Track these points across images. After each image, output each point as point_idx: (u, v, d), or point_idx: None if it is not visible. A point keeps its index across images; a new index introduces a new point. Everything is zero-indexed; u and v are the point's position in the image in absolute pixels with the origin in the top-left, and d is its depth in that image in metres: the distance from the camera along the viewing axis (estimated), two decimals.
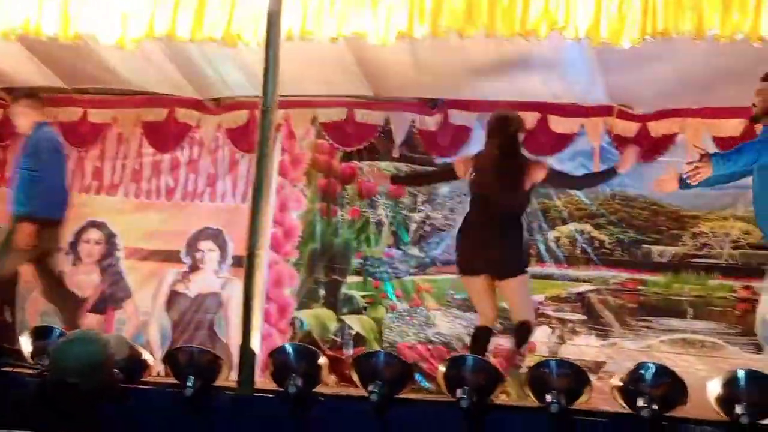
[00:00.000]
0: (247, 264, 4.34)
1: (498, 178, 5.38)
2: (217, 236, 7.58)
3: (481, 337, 5.48)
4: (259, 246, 4.34)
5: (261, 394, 4.25)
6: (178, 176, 7.69)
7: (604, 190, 6.98)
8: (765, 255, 6.65)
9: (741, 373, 3.90)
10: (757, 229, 6.62)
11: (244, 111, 7.39)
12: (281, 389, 4.12)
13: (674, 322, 6.69)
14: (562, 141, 6.92)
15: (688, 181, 4.87)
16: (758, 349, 6.46)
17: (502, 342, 6.93)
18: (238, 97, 7.33)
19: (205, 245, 7.59)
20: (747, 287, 6.67)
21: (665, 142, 6.71)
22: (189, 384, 4.13)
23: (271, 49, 4.45)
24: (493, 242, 5.32)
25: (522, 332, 5.47)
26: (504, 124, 5.51)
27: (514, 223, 5.45)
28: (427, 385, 6.79)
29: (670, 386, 3.87)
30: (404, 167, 7.31)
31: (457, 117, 7.12)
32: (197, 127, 7.61)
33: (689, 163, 4.89)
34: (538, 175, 5.47)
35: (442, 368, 4.19)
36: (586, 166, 6.94)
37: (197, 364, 4.23)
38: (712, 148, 6.07)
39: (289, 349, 4.39)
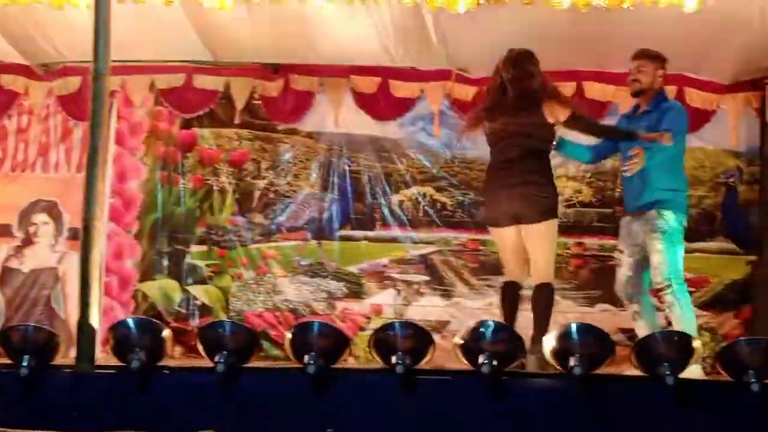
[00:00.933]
0: (83, 236, 4.18)
1: (516, 115, 4.91)
2: (51, 208, 7.29)
3: (508, 293, 5.02)
4: (96, 217, 4.18)
5: (102, 371, 4.12)
6: (7, 146, 7.32)
7: (445, 153, 7.14)
8: (595, 213, 7.03)
9: (573, 327, 4.06)
10: (588, 188, 6.99)
11: (76, 77, 7.09)
12: (123, 364, 4.01)
13: None
14: (403, 105, 7.03)
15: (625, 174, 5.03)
16: (591, 302, 6.84)
17: (349, 306, 7.04)
18: (69, 63, 7.02)
19: (39, 218, 7.29)
20: (579, 244, 7.01)
21: None
22: (24, 363, 3.95)
23: (101, 11, 4.27)
24: (518, 184, 4.86)
25: (547, 297, 4.92)
26: (518, 58, 4.99)
27: (540, 160, 4.96)
28: (275, 352, 6.78)
29: (508, 342, 3.99)
30: (246, 133, 7.23)
31: (299, 82, 7.09)
32: (26, 94, 7.27)
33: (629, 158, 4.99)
34: (560, 113, 4.95)
35: (288, 335, 4.18)
36: (426, 130, 7.08)
37: (32, 343, 4.04)
38: None
39: (131, 322, 4.24)
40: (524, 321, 4.94)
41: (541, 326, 4.79)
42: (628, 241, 5.24)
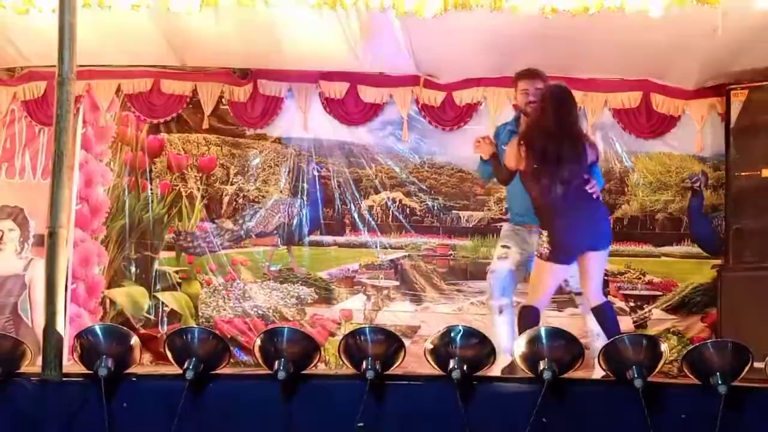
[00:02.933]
0: (48, 243, 4.14)
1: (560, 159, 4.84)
2: (17, 215, 7.21)
3: (526, 316, 4.91)
4: (61, 224, 4.14)
5: (69, 379, 4.08)
6: None
7: (414, 159, 7.16)
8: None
9: (543, 331, 4.09)
10: None
11: (41, 82, 7.02)
12: (91, 372, 3.97)
13: (482, 285, 6.92)
14: (372, 110, 7.04)
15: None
16: (560, 307, 6.88)
17: (320, 312, 7.03)
18: (34, 67, 6.94)
19: (4, 225, 7.20)
20: None
21: (469, 110, 6.96)
22: None
23: (66, 15, 4.23)
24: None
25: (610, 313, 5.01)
26: (562, 96, 5.03)
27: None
28: (245, 358, 6.76)
29: (478, 347, 4.02)
30: (215, 139, 7.20)
31: (268, 87, 7.07)
32: None
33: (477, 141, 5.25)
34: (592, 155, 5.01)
35: (258, 341, 4.16)
36: (395, 135, 7.10)
37: None
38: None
39: (98, 329, 4.21)
40: None
41: None
42: (518, 241, 5.36)
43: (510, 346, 4.81)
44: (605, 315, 4.94)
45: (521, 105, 5.41)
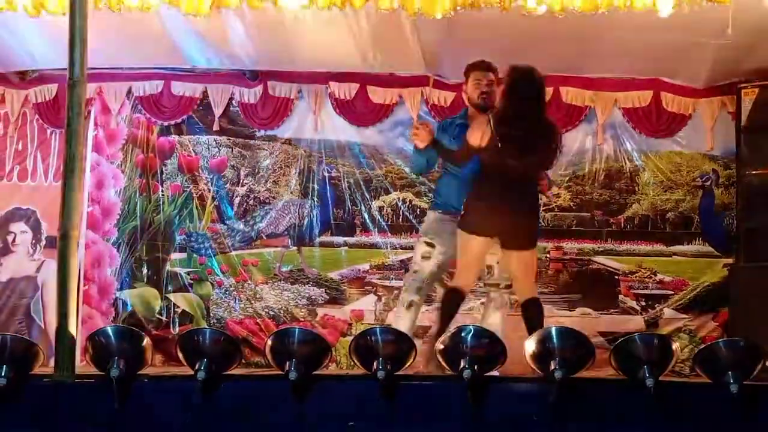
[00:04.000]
0: (60, 245, 4.15)
1: (520, 144, 4.79)
2: (29, 217, 7.25)
3: (453, 299, 5.02)
4: (73, 226, 4.15)
5: (81, 380, 4.10)
6: None
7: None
8: (574, 216, 7.08)
9: (553, 330, 4.08)
10: (566, 192, 7.03)
11: (53, 85, 7.07)
12: (103, 373, 3.98)
13: None
14: (382, 111, 7.04)
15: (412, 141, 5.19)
16: (571, 306, 6.88)
17: (330, 312, 7.04)
18: (45, 70, 6.98)
19: (17, 227, 7.24)
20: (558, 248, 7.05)
21: None
22: (2, 374, 3.92)
23: (76, 19, 4.24)
24: (510, 210, 4.86)
25: (536, 309, 5.00)
26: (527, 81, 4.86)
27: (532, 192, 5.03)
28: (257, 359, 6.76)
29: (489, 347, 4.01)
30: (225, 140, 7.22)
31: (278, 88, 7.09)
32: (1, 102, 7.23)
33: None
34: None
35: (269, 342, 4.17)
36: (405, 135, 7.09)
37: (10, 353, 4.01)
38: None
39: (110, 331, 4.22)
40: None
41: None
42: (444, 238, 5.21)
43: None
44: (535, 311, 4.98)
45: (473, 97, 5.26)
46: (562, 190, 7.06)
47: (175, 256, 7.23)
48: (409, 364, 4.05)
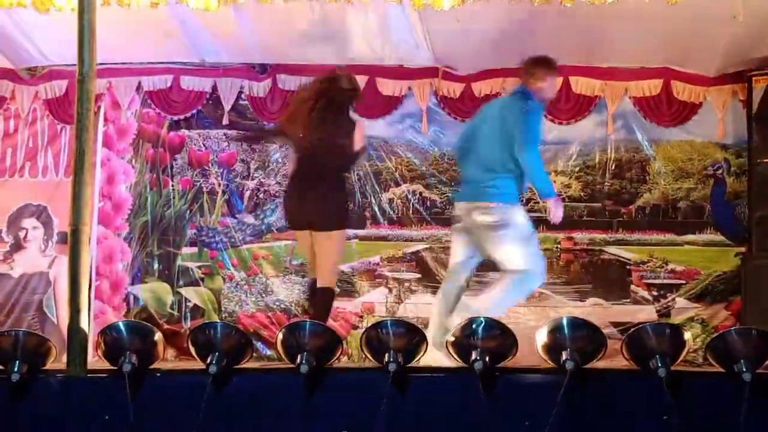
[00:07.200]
0: (71, 240, 4.16)
1: (324, 138, 5.04)
2: (40, 213, 7.28)
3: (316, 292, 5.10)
4: (84, 221, 4.15)
5: (93, 375, 4.11)
6: None
7: (434, 151, 7.15)
8: (585, 207, 7.06)
9: (565, 321, 4.06)
10: (577, 183, 7.01)
11: (63, 80, 7.09)
12: (115, 368, 3.99)
13: None
14: (391, 103, 7.03)
15: None
16: (582, 297, 6.86)
17: (342, 305, 7.04)
18: (54, 66, 7.00)
19: (28, 223, 7.27)
20: (569, 238, 7.03)
21: (488, 101, 6.91)
22: (15, 369, 3.94)
23: (85, 14, 4.24)
24: (316, 198, 5.00)
25: (326, 299, 5.06)
26: (331, 84, 5.14)
27: (337, 181, 5.16)
28: (268, 352, 6.78)
29: (500, 338, 4.00)
30: (235, 134, 7.23)
31: (287, 82, 7.08)
32: (12, 98, 7.25)
33: None
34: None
35: (280, 335, 4.17)
36: (415, 127, 7.09)
37: (23, 348, 4.03)
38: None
39: (122, 326, 4.22)
40: None
41: None
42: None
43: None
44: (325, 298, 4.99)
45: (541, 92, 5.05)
46: (572, 180, 7.04)
47: (186, 250, 7.25)
48: (420, 356, 4.05)
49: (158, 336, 4.19)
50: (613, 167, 7.05)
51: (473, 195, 4.90)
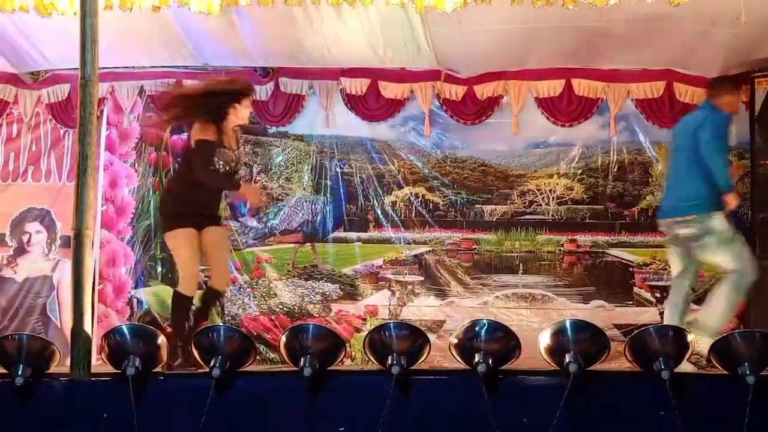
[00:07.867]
0: (74, 244, 4.17)
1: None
2: (44, 217, 7.29)
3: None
4: (87, 225, 4.17)
5: (97, 378, 4.12)
6: None
7: (436, 153, 7.16)
8: (587, 209, 7.05)
9: (568, 323, 4.07)
10: (579, 184, 7.01)
11: (65, 85, 7.10)
12: (118, 371, 4.00)
13: (507, 278, 6.97)
14: (394, 106, 7.03)
15: None
16: (585, 299, 6.85)
17: (345, 308, 7.05)
18: (57, 70, 7.01)
19: (32, 227, 7.28)
20: (572, 240, 7.03)
21: (491, 104, 6.94)
22: (19, 373, 3.95)
23: (88, 18, 4.26)
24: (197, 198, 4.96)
25: (212, 300, 5.21)
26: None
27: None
28: (272, 355, 6.78)
29: (503, 341, 4.00)
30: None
31: (289, 85, 7.09)
32: (15, 103, 7.26)
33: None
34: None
35: (283, 338, 4.17)
36: (417, 130, 7.09)
37: (27, 352, 4.04)
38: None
39: (125, 329, 4.24)
40: None
41: None
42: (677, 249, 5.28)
43: None
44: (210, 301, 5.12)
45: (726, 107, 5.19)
46: (575, 182, 7.04)
47: None
48: (423, 358, 4.05)
49: (161, 339, 4.20)
50: (615, 169, 7.04)
51: (672, 211, 5.15)
